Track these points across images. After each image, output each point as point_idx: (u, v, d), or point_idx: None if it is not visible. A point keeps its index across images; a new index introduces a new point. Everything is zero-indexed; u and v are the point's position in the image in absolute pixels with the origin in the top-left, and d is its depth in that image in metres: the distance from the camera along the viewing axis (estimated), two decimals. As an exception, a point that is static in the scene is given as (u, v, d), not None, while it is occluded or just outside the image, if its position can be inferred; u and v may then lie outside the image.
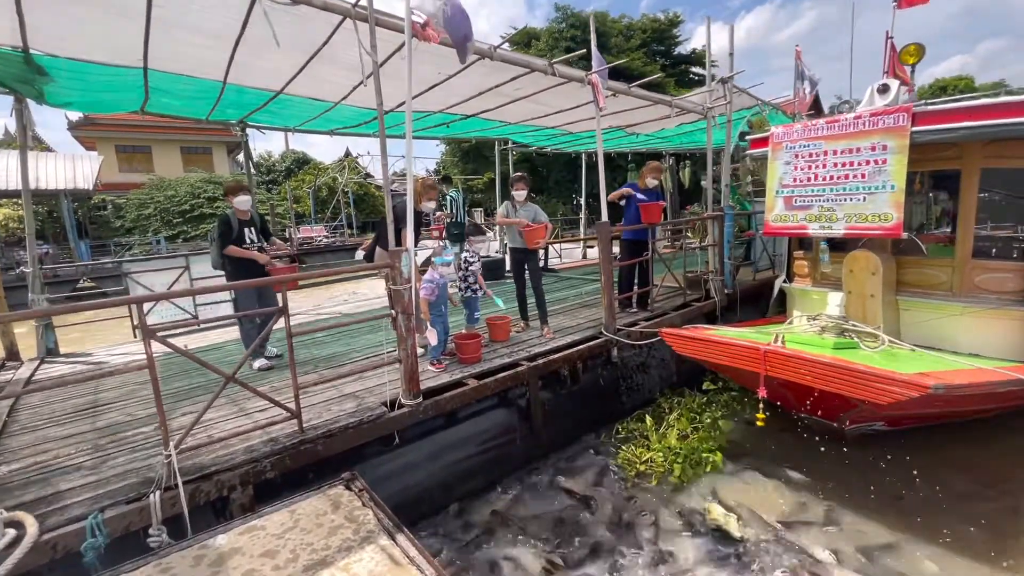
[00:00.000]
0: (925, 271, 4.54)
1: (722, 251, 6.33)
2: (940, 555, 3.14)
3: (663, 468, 4.17)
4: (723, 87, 6.24)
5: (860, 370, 3.08)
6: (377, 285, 10.18)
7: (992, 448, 4.26)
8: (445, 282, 4.51)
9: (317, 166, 28.69)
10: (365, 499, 2.82)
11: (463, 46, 3.28)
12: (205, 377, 4.61)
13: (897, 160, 4.10)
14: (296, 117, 6.13)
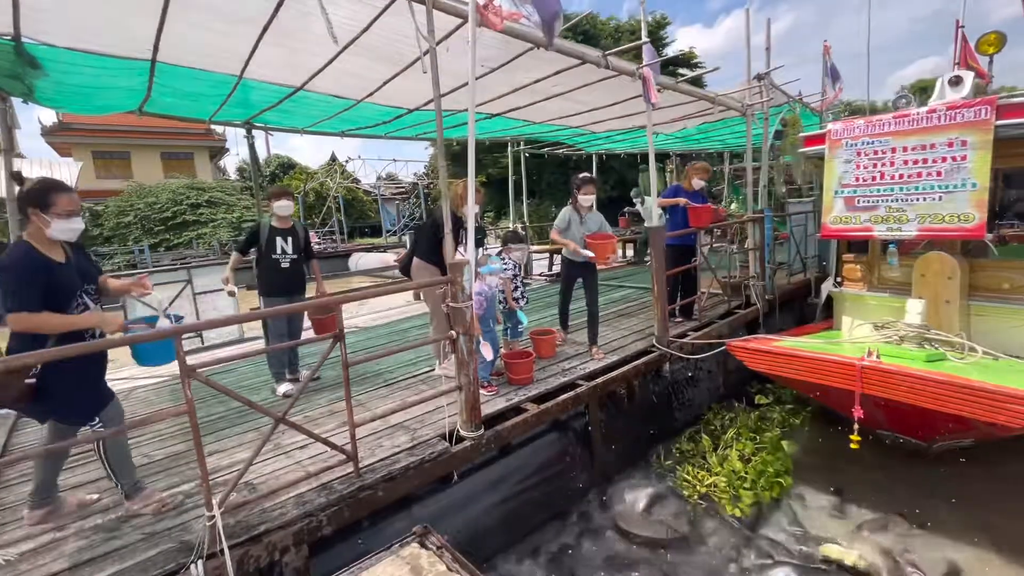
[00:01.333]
0: (999, 274, 4.29)
1: (763, 255, 6.04)
2: None
3: (727, 494, 3.83)
4: (760, 83, 5.96)
5: (989, 390, 2.77)
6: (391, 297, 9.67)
7: None
8: (494, 293, 4.10)
9: (304, 171, 27.95)
10: (447, 559, 2.41)
11: (552, 25, 2.89)
12: (225, 406, 4.13)
13: (979, 156, 3.84)
14: (309, 117, 5.65)
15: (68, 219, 2.36)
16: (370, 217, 29.31)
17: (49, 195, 2.31)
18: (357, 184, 28.00)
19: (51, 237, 2.36)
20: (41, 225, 2.32)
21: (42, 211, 2.31)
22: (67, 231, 2.38)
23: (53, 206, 2.31)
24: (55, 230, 2.34)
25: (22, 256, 2.28)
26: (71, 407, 2.44)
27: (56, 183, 2.41)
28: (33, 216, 2.32)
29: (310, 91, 4.78)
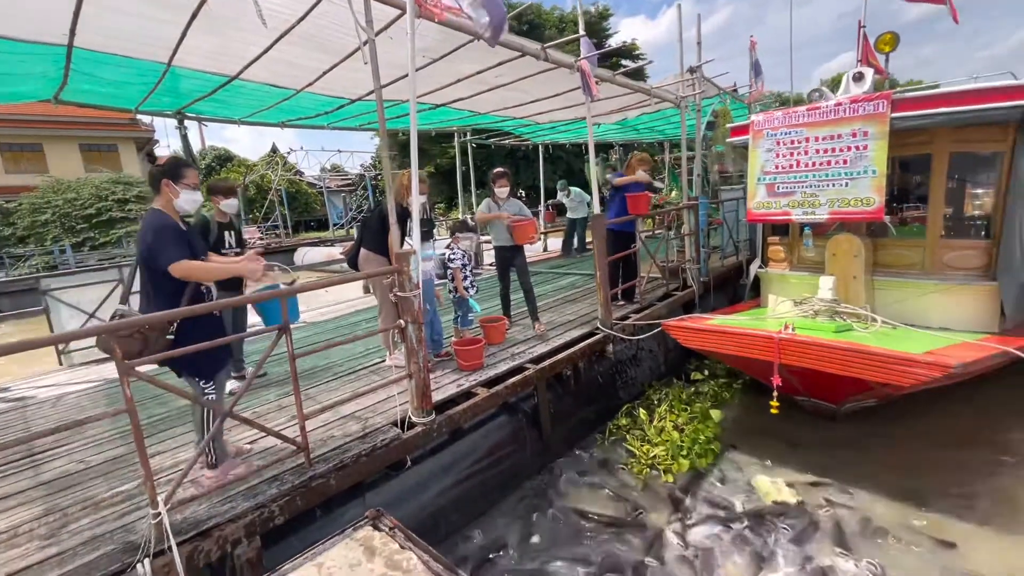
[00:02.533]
0: (897, 251, 4.79)
1: (698, 240, 6.41)
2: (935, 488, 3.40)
3: (666, 463, 4.11)
4: (692, 76, 6.29)
5: (882, 354, 3.14)
6: (339, 289, 9.49)
7: (966, 408, 4.60)
8: (428, 279, 4.20)
9: (243, 163, 26.63)
10: (400, 539, 2.50)
11: (500, 28, 2.97)
12: (166, 407, 4.01)
13: (878, 145, 4.26)
14: (246, 107, 5.47)
15: (193, 191, 2.74)
16: (316, 210, 28.40)
17: (181, 169, 2.71)
18: (300, 176, 26.99)
19: (179, 207, 2.71)
20: (171, 195, 2.67)
21: (174, 182, 2.66)
22: (192, 201, 2.76)
23: (184, 178, 2.69)
24: (183, 200, 2.70)
25: (166, 218, 2.65)
26: (204, 362, 2.70)
27: (185, 160, 3.04)
28: (165, 187, 2.66)
29: (246, 80, 4.64)
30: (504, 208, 5.03)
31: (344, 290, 8.55)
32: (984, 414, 4.58)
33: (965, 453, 4.01)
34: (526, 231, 4.93)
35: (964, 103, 3.92)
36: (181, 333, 2.61)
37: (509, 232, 4.95)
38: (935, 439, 4.26)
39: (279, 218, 22.10)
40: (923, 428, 4.43)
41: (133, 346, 2.41)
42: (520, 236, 4.94)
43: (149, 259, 2.56)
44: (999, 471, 3.74)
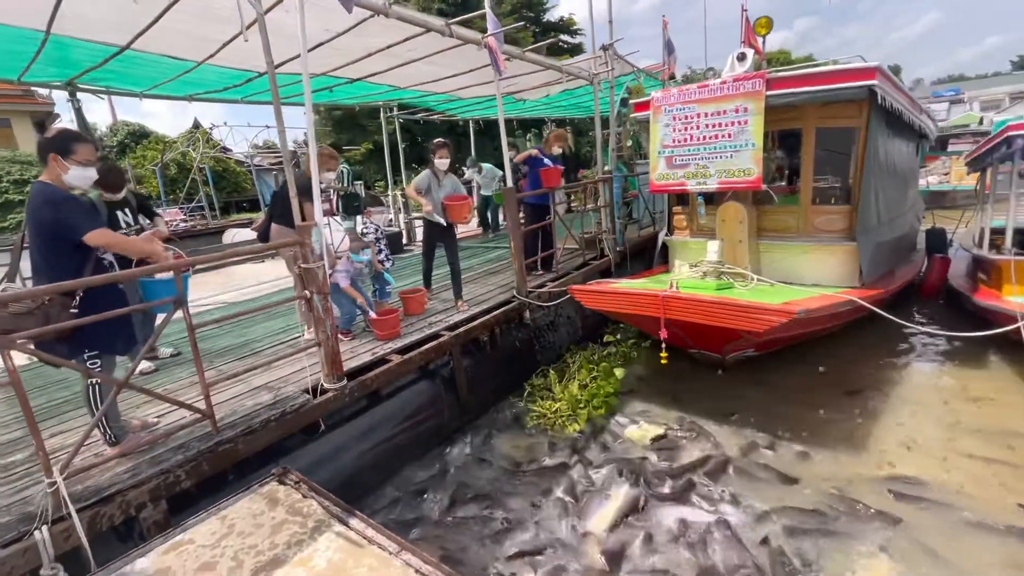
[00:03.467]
0: (778, 218, 5.34)
1: (612, 212, 6.79)
2: (792, 430, 3.96)
3: (569, 414, 4.47)
4: (605, 54, 6.55)
5: (741, 304, 3.60)
6: (259, 271, 9.28)
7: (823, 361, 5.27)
8: (359, 270, 4.37)
9: (161, 140, 24.79)
10: (304, 490, 2.69)
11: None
12: (69, 390, 3.94)
13: (756, 120, 4.71)
14: (147, 79, 5.22)
15: (85, 168, 2.63)
16: (246, 190, 26.94)
17: (71, 143, 2.59)
18: (227, 154, 25.47)
19: (68, 183, 2.59)
20: (60, 171, 2.56)
21: (63, 157, 2.55)
22: (83, 178, 2.65)
23: (74, 154, 2.58)
24: (72, 176, 2.59)
25: (61, 191, 2.55)
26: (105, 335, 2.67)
27: (78, 133, 2.74)
28: (53, 161, 2.55)
29: (141, 51, 4.45)
30: (443, 183, 5.01)
31: (264, 271, 8.43)
32: (847, 360, 5.26)
33: (826, 394, 4.60)
34: (461, 211, 4.98)
35: (822, 82, 4.40)
36: (85, 308, 2.57)
37: (443, 210, 5.02)
38: (803, 383, 4.87)
39: (204, 199, 20.87)
40: (795, 375, 5.04)
41: (32, 322, 2.38)
42: (455, 215, 4.98)
43: (57, 232, 2.50)
44: (853, 409, 4.34)
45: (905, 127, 5.74)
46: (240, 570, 2.16)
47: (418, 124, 17.94)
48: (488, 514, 3.46)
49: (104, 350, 2.71)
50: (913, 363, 5.15)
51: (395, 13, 3.89)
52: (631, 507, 3.31)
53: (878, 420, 4.11)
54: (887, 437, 3.86)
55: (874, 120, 4.70)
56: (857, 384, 4.72)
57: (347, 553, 2.22)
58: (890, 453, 3.66)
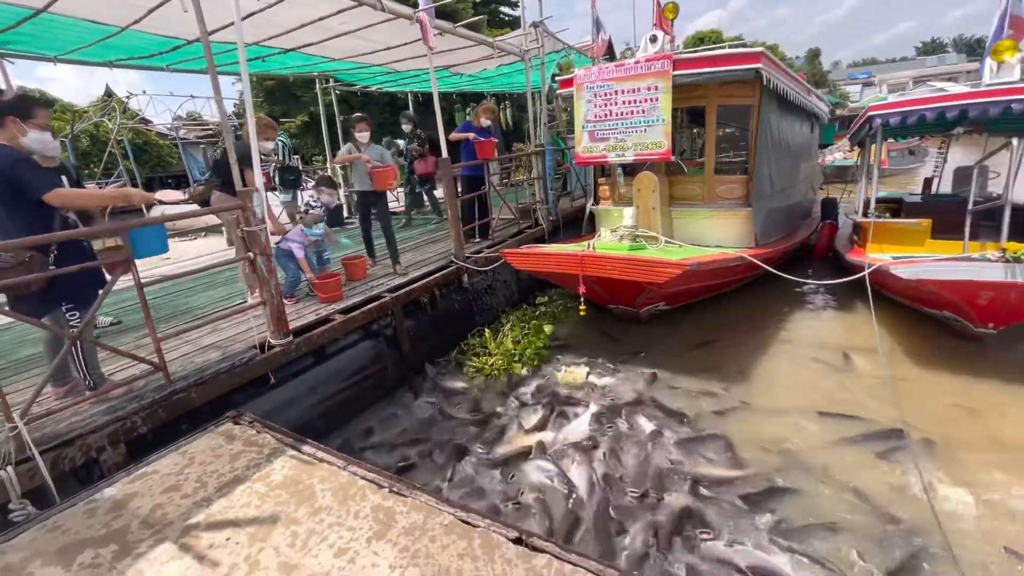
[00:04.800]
0: (687, 187, 5.98)
1: (545, 183, 7.25)
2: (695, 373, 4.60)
3: (502, 369, 4.95)
4: (536, 31, 6.89)
5: (643, 259, 4.18)
6: (195, 247, 9.11)
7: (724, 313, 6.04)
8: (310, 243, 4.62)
9: (68, 108, 22.74)
10: (258, 427, 3.01)
11: None
12: (6, 358, 3.97)
13: (665, 98, 5.25)
14: (62, 43, 5.03)
15: (43, 132, 2.75)
16: (171, 164, 25.29)
17: (32, 108, 2.69)
18: (147, 125, 23.72)
19: (25, 146, 2.67)
20: (18, 133, 2.65)
21: (22, 120, 2.65)
22: (41, 142, 2.74)
23: (35, 118, 2.68)
24: (31, 139, 2.69)
25: (18, 152, 2.63)
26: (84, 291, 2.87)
27: (38, 98, 2.78)
28: (11, 124, 2.62)
29: (57, 14, 4.34)
30: (365, 153, 5.34)
31: (202, 246, 8.32)
32: (745, 311, 6.06)
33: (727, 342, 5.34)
34: (386, 177, 5.33)
35: (718, 64, 4.99)
36: (59, 265, 2.73)
37: (370, 178, 5.31)
38: (706, 331, 5.61)
39: (124, 173, 19.50)
40: (702, 325, 5.77)
41: (13, 276, 2.53)
42: (380, 182, 5.33)
43: (17, 192, 2.59)
44: (745, 352, 5.09)
45: (796, 108, 6.51)
46: (204, 489, 2.48)
47: (356, 96, 17.56)
48: (427, 448, 3.89)
49: (80, 303, 2.89)
50: (795, 312, 6.01)
51: (326, -14, 4.06)
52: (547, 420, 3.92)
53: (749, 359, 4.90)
54: (754, 371, 4.63)
55: (764, 99, 5.36)
56: (741, 330, 5.51)
57: (301, 470, 2.59)
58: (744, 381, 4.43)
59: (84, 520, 2.32)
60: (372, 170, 5.23)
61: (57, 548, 2.15)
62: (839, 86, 42.96)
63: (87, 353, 2.96)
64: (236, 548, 2.09)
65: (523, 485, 3.35)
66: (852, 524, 2.90)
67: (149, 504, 2.40)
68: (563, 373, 4.74)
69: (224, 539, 2.14)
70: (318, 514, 2.26)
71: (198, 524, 2.24)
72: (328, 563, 1.98)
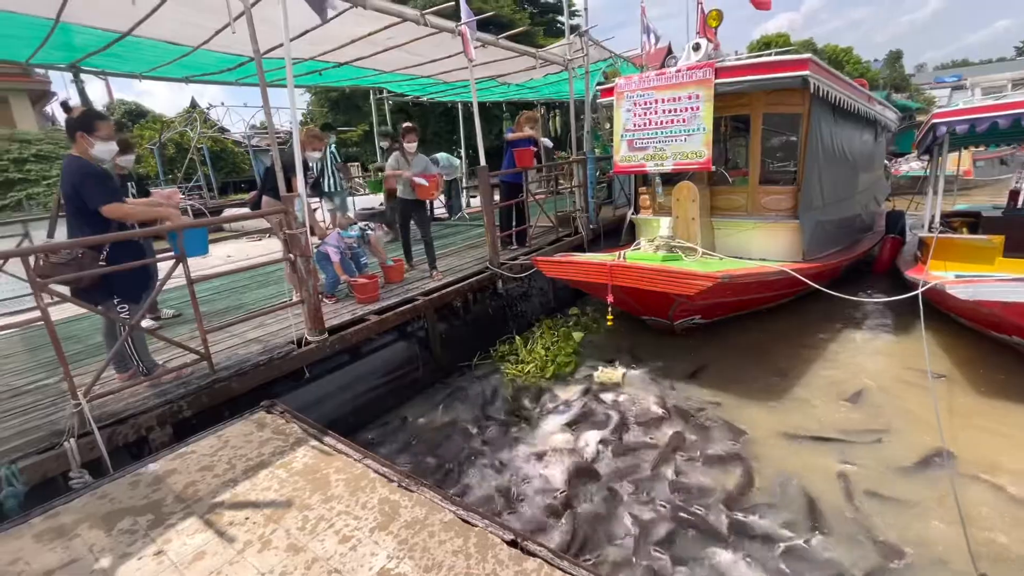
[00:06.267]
0: (730, 197, 5.79)
1: (586, 191, 7.23)
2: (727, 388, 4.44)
3: (535, 375, 4.97)
4: (580, 40, 6.93)
5: (672, 270, 4.09)
6: (254, 249, 9.75)
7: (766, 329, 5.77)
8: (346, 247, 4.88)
9: (158, 119, 24.97)
10: (288, 417, 3.21)
11: (321, 7, 3.47)
12: (83, 343, 4.44)
13: (706, 107, 5.13)
14: (146, 62, 5.61)
15: (107, 142, 3.08)
16: (244, 170, 27.19)
17: (94, 121, 3.05)
18: (224, 134, 25.66)
19: (94, 156, 3.04)
20: (86, 146, 3.00)
21: (88, 134, 2.99)
22: (106, 151, 3.10)
23: (97, 131, 3.02)
24: (97, 150, 3.04)
25: (87, 163, 2.99)
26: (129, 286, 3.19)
27: (98, 112, 3.40)
28: (80, 138, 3.00)
29: (141, 37, 4.84)
30: (413, 162, 5.54)
31: (258, 246, 8.91)
32: (786, 327, 5.76)
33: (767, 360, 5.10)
34: (427, 189, 5.53)
35: (762, 72, 4.82)
36: (111, 261, 3.08)
37: (412, 188, 5.51)
38: (747, 347, 5.38)
39: (202, 179, 21.20)
40: (741, 339, 5.55)
41: (68, 271, 2.89)
42: (421, 192, 5.53)
43: (78, 200, 2.96)
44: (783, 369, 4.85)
45: (853, 115, 6.16)
46: (233, 470, 2.68)
47: (412, 106, 18.19)
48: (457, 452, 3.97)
49: (129, 298, 3.22)
50: (845, 330, 5.64)
51: (372, 5, 4.30)
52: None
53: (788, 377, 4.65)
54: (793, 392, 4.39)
55: (815, 107, 5.12)
56: (783, 346, 5.24)
57: (319, 459, 2.75)
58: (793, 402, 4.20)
59: (128, 491, 2.58)
60: (414, 182, 5.41)
61: (103, 514, 2.40)
62: (923, 90, 40.00)
63: (137, 342, 3.26)
64: (252, 527, 2.25)
65: (538, 483, 3.38)
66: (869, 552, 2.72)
67: (184, 480, 2.62)
68: (600, 373, 4.77)
69: (243, 518, 2.31)
70: (329, 502, 2.39)
71: (223, 502, 2.43)
72: (332, 548, 2.10)
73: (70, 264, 2.89)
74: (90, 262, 2.98)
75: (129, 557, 2.12)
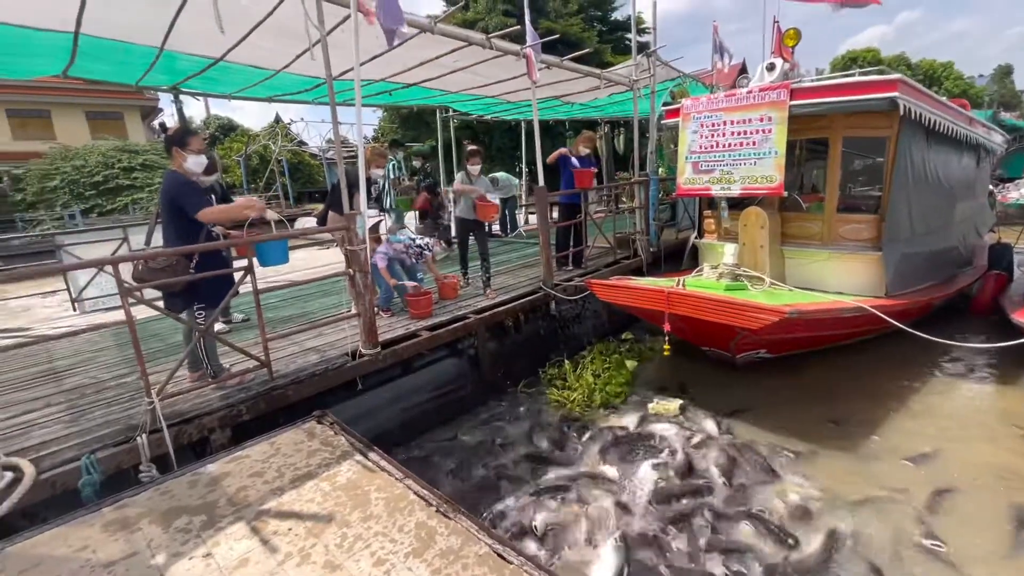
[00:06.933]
0: (803, 224, 5.42)
1: (647, 213, 7.04)
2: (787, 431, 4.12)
3: (582, 403, 4.79)
4: (647, 60, 6.81)
5: (735, 302, 3.84)
6: (323, 255, 10.24)
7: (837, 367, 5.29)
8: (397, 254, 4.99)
9: (246, 133, 27.13)
10: (336, 429, 3.28)
11: (391, 36, 3.60)
12: (164, 343, 4.81)
13: (779, 129, 4.85)
14: (234, 84, 6.10)
15: (198, 155, 3.41)
16: (318, 182, 28.93)
17: (186, 137, 3.38)
18: (303, 147, 27.47)
19: (188, 169, 3.36)
20: (181, 160, 3.34)
21: (182, 149, 3.32)
22: (197, 163, 3.42)
23: (189, 145, 3.34)
24: (190, 163, 3.36)
25: (183, 176, 3.34)
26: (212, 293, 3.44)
27: (189, 128, 3.80)
28: (176, 154, 3.33)
29: (231, 62, 5.27)
30: (476, 183, 5.65)
31: (327, 255, 9.36)
32: (864, 370, 5.26)
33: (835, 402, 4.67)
34: (488, 211, 5.62)
35: (844, 93, 4.49)
36: (199, 269, 3.35)
37: (474, 208, 5.59)
38: (814, 386, 4.96)
39: (280, 188, 22.74)
40: (810, 379, 5.12)
41: (163, 277, 3.17)
42: (482, 214, 5.61)
43: (176, 209, 3.26)
44: (856, 417, 4.42)
45: (951, 139, 5.61)
46: (281, 479, 2.76)
47: (476, 122, 18.65)
48: (495, 475, 3.91)
49: (209, 304, 3.46)
50: (934, 377, 5.07)
51: (439, 30, 4.43)
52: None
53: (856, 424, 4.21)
54: (887, 446, 3.96)
55: (905, 131, 4.71)
56: (862, 394, 4.76)
57: (362, 475, 2.78)
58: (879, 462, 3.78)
59: (187, 490, 2.72)
60: (478, 202, 5.50)
61: (163, 510, 2.54)
62: (1041, 109, 36.25)
63: (209, 347, 3.48)
64: (294, 539, 2.29)
65: (581, 520, 3.25)
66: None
67: (237, 484, 2.73)
68: (655, 404, 4.58)
69: (287, 528, 2.36)
70: (367, 521, 2.39)
71: (269, 510, 2.50)
72: (367, 570, 2.09)
73: (164, 270, 3.14)
74: (182, 269, 3.23)
75: (181, 556, 2.22)
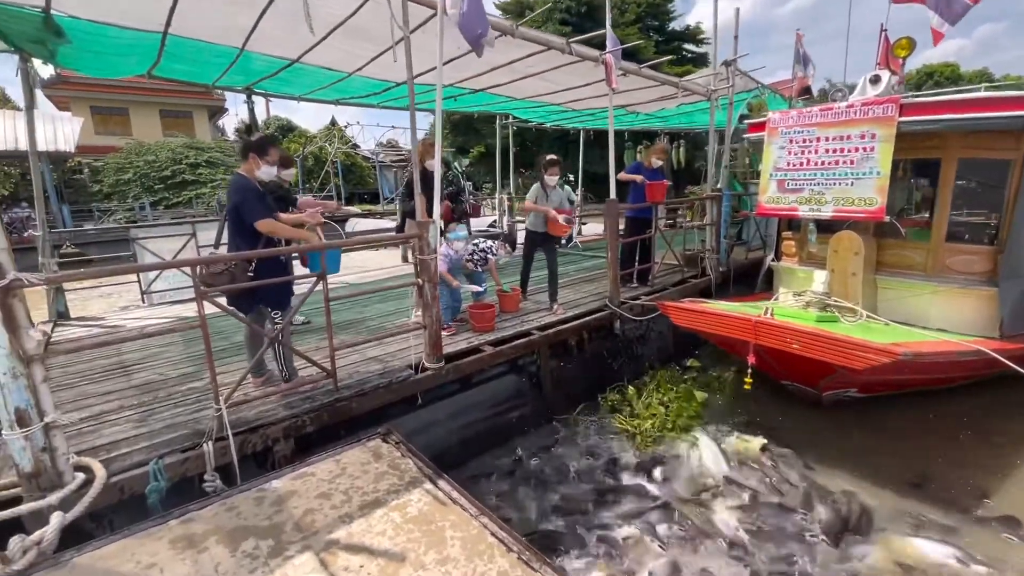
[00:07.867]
0: (903, 252, 4.92)
1: (719, 230, 6.64)
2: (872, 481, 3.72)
3: (651, 435, 4.48)
4: (727, 70, 6.44)
5: (840, 339, 3.44)
6: (376, 257, 10.27)
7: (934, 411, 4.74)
8: (460, 257, 4.76)
9: (303, 134, 28.05)
10: (403, 450, 3.11)
11: (477, 43, 3.43)
12: (228, 341, 4.80)
13: (884, 148, 4.41)
14: (305, 85, 6.15)
15: (272, 166, 3.42)
16: (369, 184, 29.56)
17: (267, 147, 3.37)
18: (356, 150, 28.15)
19: (258, 176, 3.35)
20: (255, 167, 3.32)
21: (259, 157, 3.30)
22: (269, 173, 3.43)
23: (268, 155, 3.33)
24: (262, 172, 3.36)
25: (249, 181, 3.29)
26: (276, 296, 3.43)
27: (272, 139, 3.55)
28: (252, 160, 3.30)
29: (305, 64, 5.28)
30: (551, 195, 5.29)
31: (385, 258, 9.36)
32: (974, 418, 4.69)
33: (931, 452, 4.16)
34: (560, 227, 5.29)
35: (966, 110, 4.02)
36: (259, 273, 3.31)
37: (545, 221, 5.32)
38: (907, 432, 4.44)
39: (333, 189, 23.31)
40: (906, 424, 4.61)
41: (224, 279, 3.12)
42: (554, 229, 5.30)
43: (237, 215, 3.23)
44: (968, 472, 3.92)
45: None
46: (349, 504, 2.60)
47: (530, 130, 18.53)
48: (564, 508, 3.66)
49: (274, 306, 3.42)
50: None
51: (520, 33, 4.26)
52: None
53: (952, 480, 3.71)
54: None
55: (1035, 153, 4.19)
56: (967, 441, 4.23)
57: (434, 507, 2.57)
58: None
59: (253, 507, 2.59)
60: (549, 218, 5.21)
61: (229, 529, 2.41)
62: None
63: (286, 350, 3.40)
64: (366, 579, 2.11)
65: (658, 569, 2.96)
66: None
67: (304, 507, 2.58)
68: (736, 440, 4.21)
69: (358, 565, 2.18)
70: (445, 564, 2.18)
71: (338, 541, 2.33)
72: (448, 627, 1.88)
73: (223, 274, 3.07)
74: (241, 274, 3.16)
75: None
